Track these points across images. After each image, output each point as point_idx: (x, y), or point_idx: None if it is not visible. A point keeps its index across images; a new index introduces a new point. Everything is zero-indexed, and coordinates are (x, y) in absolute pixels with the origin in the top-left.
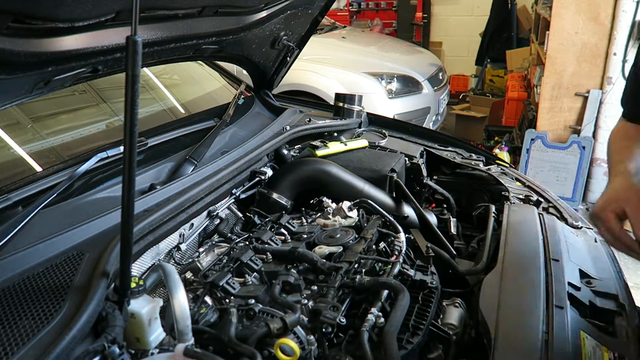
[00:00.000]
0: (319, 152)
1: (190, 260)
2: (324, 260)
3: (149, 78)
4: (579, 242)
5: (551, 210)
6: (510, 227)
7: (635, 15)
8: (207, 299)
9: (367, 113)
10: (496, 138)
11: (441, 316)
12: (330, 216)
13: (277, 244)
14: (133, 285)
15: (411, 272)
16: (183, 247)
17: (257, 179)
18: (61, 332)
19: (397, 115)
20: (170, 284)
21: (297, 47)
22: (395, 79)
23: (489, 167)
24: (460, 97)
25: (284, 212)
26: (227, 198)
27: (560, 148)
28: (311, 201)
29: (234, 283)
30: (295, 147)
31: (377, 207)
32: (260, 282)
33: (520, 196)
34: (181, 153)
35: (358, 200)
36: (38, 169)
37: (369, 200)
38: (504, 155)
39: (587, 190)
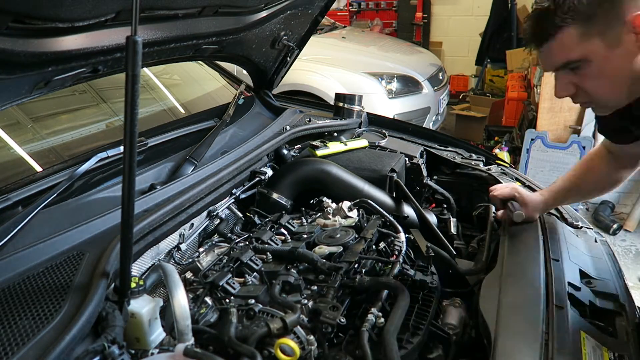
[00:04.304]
0: (319, 152)
1: (190, 260)
2: (324, 260)
3: (149, 78)
4: (579, 242)
5: (551, 210)
6: (510, 227)
7: None
8: (207, 299)
9: (367, 113)
10: (496, 138)
11: (441, 316)
12: (330, 216)
13: (277, 244)
14: (133, 285)
15: (411, 272)
16: (183, 247)
17: (257, 179)
18: (61, 332)
19: (397, 115)
20: (170, 284)
21: (297, 47)
22: (395, 79)
23: (489, 167)
24: (460, 97)
25: (284, 212)
26: (227, 198)
27: (560, 148)
28: (311, 201)
29: (234, 283)
30: (295, 147)
31: (377, 207)
32: (260, 282)
33: None
34: (181, 153)
35: (358, 200)
36: (38, 169)
37: (369, 200)
38: (504, 155)
39: None
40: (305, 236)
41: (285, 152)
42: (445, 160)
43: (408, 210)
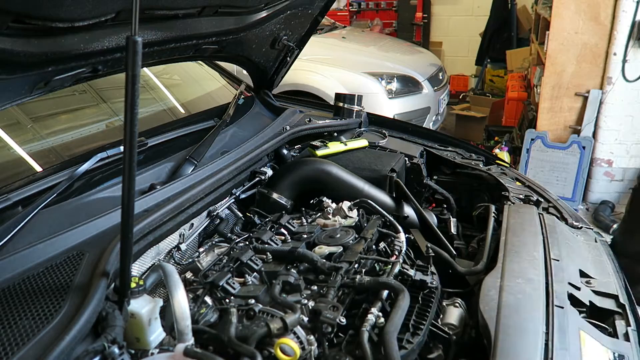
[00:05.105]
0: (319, 152)
1: (190, 260)
2: (324, 260)
3: (149, 78)
4: (579, 242)
5: (551, 210)
6: (510, 227)
7: (635, 15)
8: (207, 299)
9: (367, 113)
10: (496, 138)
11: (441, 316)
12: (330, 216)
13: (277, 244)
14: (133, 285)
15: (411, 272)
16: (183, 247)
17: (257, 179)
18: (61, 332)
19: (397, 115)
20: (170, 284)
21: (297, 47)
22: (395, 79)
23: (489, 167)
24: (460, 97)
25: (284, 212)
26: (227, 198)
27: (560, 148)
28: (311, 201)
29: (234, 283)
30: (295, 147)
31: (377, 207)
32: (260, 282)
33: (520, 196)
34: (181, 153)
35: (358, 200)
36: (38, 169)
37: (369, 200)
38: (504, 155)
39: (587, 190)
40: (305, 236)
41: (285, 152)
42: (445, 160)
43: (408, 210)
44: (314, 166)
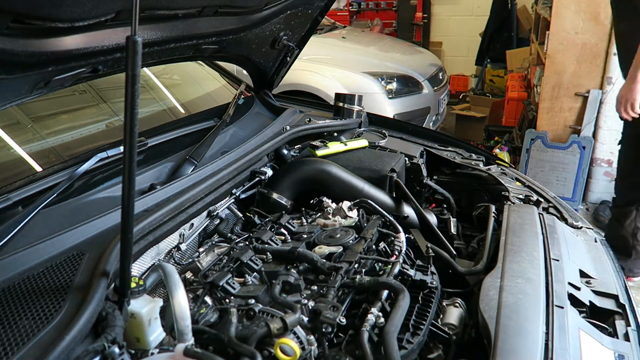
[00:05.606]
0: (319, 152)
1: (190, 260)
2: (324, 260)
3: (149, 78)
4: (579, 242)
5: (551, 210)
6: (510, 227)
7: None
8: (207, 299)
9: (367, 113)
10: (496, 138)
11: (441, 316)
12: (330, 216)
13: (277, 244)
14: (133, 285)
15: (411, 272)
16: (183, 247)
17: (257, 179)
18: (61, 332)
19: (397, 115)
20: (170, 284)
21: (297, 47)
22: (395, 79)
23: (489, 167)
24: (460, 97)
25: (284, 212)
26: (227, 198)
27: (560, 148)
28: (311, 201)
29: (234, 283)
30: (295, 147)
31: (377, 207)
32: (260, 282)
33: (520, 196)
34: (181, 153)
35: (358, 200)
36: (38, 169)
37: (369, 200)
38: (504, 155)
39: (587, 190)
40: (305, 236)
41: (285, 152)
42: (445, 160)
43: (408, 210)
44: (314, 166)
